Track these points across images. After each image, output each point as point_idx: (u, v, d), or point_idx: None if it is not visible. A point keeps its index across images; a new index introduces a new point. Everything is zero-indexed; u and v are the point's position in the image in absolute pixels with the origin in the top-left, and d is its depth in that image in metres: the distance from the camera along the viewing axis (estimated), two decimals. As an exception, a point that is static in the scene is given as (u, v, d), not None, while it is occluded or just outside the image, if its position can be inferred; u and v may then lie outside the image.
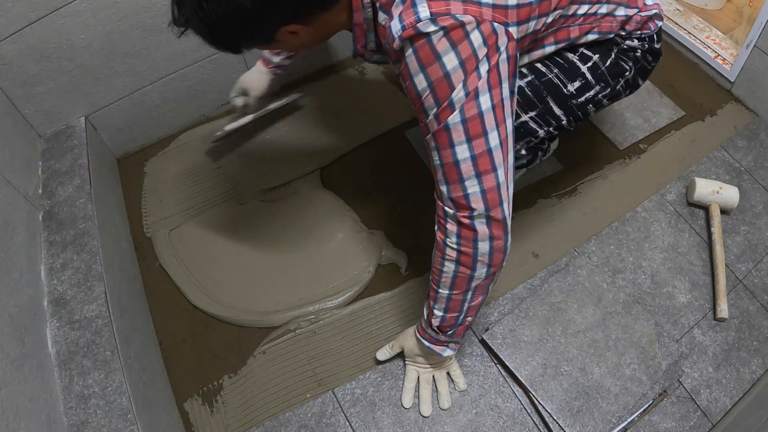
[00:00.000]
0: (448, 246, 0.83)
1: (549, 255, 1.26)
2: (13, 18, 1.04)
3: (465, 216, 0.79)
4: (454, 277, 0.85)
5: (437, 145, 0.77)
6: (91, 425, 0.87)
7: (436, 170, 0.80)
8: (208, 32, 0.73)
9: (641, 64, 1.03)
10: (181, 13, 0.72)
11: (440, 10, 0.69)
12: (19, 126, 1.17)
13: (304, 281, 1.23)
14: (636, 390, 1.08)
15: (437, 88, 0.72)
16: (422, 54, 0.71)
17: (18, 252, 0.97)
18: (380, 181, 1.39)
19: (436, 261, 0.87)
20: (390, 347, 1.08)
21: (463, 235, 0.81)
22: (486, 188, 0.77)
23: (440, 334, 0.95)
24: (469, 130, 0.74)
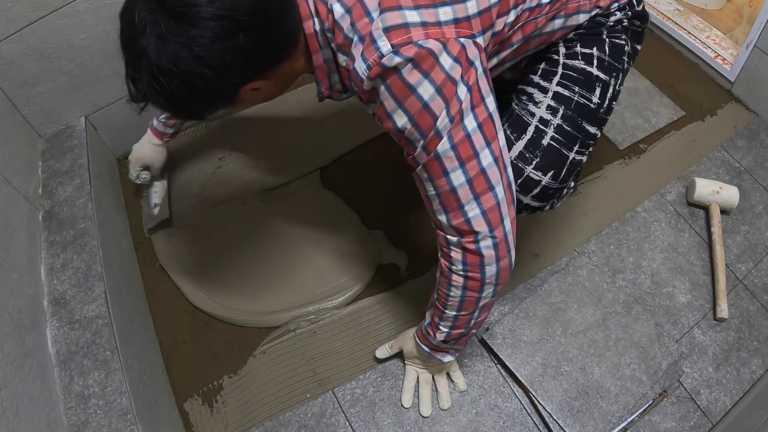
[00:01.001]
0: (455, 273, 0.81)
1: (549, 255, 1.26)
2: (13, 18, 1.04)
3: (470, 241, 0.77)
4: (462, 300, 0.84)
5: (430, 176, 0.75)
6: (91, 425, 0.87)
7: (431, 200, 0.78)
8: (169, 106, 0.71)
9: (632, 30, 1.01)
10: (138, 90, 0.69)
11: (401, 40, 0.66)
12: (19, 126, 1.17)
13: (304, 281, 1.23)
14: (636, 390, 1.08)
15: (419, 121, 0.70)
16: (395, 89, 0.68)
17: (18, 252, 0.97)
18: (380, 181, 1.39)
19: (443, 286, 0.85)
20: (389, 346, 1.09)
21: (469, 262, 0.79)
22: (486, 209, 0.75)
23: (441, 344, 0.95)
24: (460, 154, 0.72)
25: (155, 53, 0.64)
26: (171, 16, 0.63)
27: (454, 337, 0.92)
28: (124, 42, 0.67)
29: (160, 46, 0.64)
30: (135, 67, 0.67)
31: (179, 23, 0.63)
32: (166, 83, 0.66)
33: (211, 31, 0.63)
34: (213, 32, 0.63)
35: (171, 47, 0.63)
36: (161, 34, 0.63)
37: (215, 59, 0.65)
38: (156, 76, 0.65)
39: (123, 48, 0.68)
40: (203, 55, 0.64)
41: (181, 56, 0.64)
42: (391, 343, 1.09)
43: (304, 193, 1.37)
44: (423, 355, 1.02)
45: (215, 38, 0.64)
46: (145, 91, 0.68)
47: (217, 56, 0.65)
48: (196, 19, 0.63)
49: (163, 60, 0.64)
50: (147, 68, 0.65)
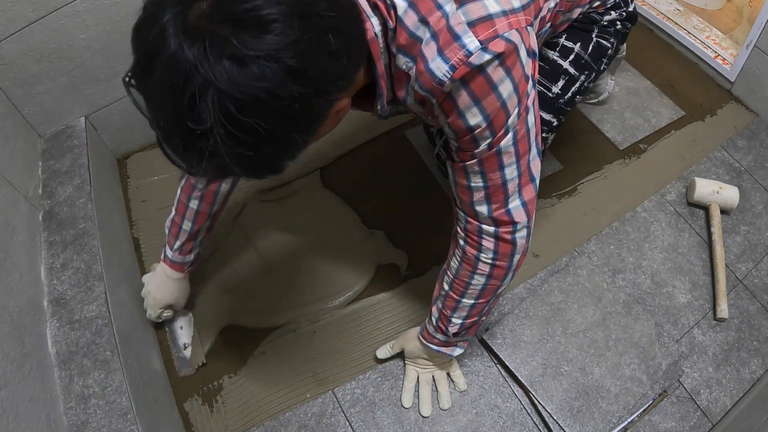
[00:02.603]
0: (482, 261, 0.81)
1: (549, 255, 1.26)
2: (13, 18, 1.04)
3: (507, 231, 0.77)
4: (483, 288, 0.84)
5: (483, 170, 0.71)
6: (91, 425, 0.87)
7: (475, 192, 0.74)
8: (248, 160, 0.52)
9: (621, 33, 1.01)
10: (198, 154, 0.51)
11: (488, 34, 0.59)
12: (19, 126, 1.17)
13: (304, 281, 1.23)
14: (636, 390, 1.08)
15: (495, 119, 0.65)
16: (475, 87, 0.62)
17: (18, 252, 0.97)
18: (380, 181, 1.39)
19: (463, 275, 0.84)
20: (390, 347, 1.08)
21: (500, 251, 0.79)
22: (527, 200, 0.75)
23: (450, 338, 0.95)
24: (519, 149, 0.70)
25: (230, 83, 0.46)
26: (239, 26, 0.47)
27: (467, 327, 0.91)
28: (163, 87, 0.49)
29: (236, 69, 0.47)
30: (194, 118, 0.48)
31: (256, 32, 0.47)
32: (250, 125, 0.48)
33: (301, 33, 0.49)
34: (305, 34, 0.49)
35: (254, 67, 0.47)
36: (236, 54, 0.46)
37: (314, 68, 0.50)
38: (234, 118, 0.48)
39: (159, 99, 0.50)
40: (299, 67, 0.49)
41: (269, 76, 0.47)
42: (392, 343, 1.08)
43: (304, 193, 1.37)
44: (428, 354, 1.02)
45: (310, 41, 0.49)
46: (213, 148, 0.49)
47: (315, 64, 0.50)
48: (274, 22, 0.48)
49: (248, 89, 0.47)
50: (219, 109, 0.47)
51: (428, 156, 1.42)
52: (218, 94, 0.47)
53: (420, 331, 1.01)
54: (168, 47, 0.48)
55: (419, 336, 1.01)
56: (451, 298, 0.88)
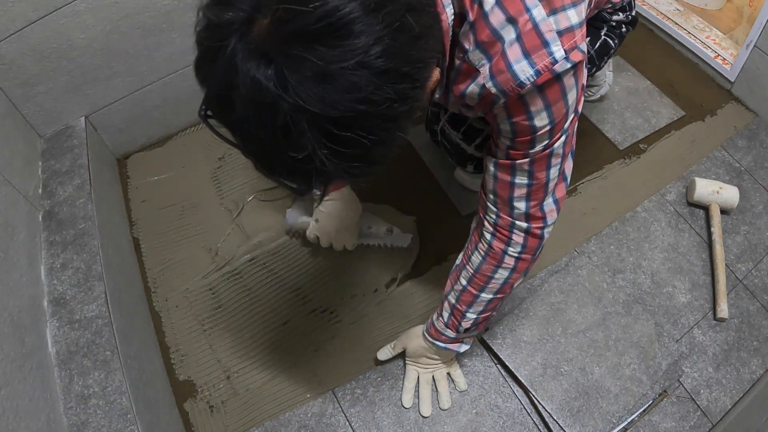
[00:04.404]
0: (509, 255, 0.82)
1: (549, 255, 1.26)
2: (13, 18, 1.04)
3: (539, 227, 0.80)
4: (505, 282, 0.86)
5: (532, 168, 0.73)
6: (91, 425, 0.87)
7: (517, 188, 0.75)
8: (363, 165, 0.51)
9: (623, 36, 1.06)
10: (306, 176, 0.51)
11: (571, 44, 0.61)
12: (19, 126, 1.17)
13: (305, 281, 1.23)
14: (636, 390, 1.08)
15: (558, 123, 0.67)
16: (550, 93, 0.63)
17: (18, 252, 0.97)
18: (380, 180, 1.39)
19: (486, 269, 0.85)
20: (392, 347, 1.08)
21: (528, 245, 0.81)
22: (559, 197, 0.79)
23: (459, 334, 0.95)
24: (566, 150, 0.73)
25: (321, 103, 0.44)
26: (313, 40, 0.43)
27: (479, 321, 0.92)
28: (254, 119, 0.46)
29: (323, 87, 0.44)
30: (296, 145, 0.46)
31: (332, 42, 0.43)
32: (355, 135, 0.46)
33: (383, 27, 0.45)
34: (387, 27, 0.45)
35: (342, 81, 0.44)
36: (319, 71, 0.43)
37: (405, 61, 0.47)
38: (335, 136, 0.46)
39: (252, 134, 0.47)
40: (390, 67, 0.45)
41: (361, 84, 0.44)
42: (394, 343, 1.08)
43: (304, 193, 1.37)
44: (432, 352, 1.02)
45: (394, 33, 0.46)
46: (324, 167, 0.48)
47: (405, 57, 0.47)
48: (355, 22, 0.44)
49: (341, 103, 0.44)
50: (317, 131, 0.45)
51: (428, 156, 1.42)
52: (311, 117, 0.44)
53: (426, 329, 1.01)
54: (243, 79, 0.44)
55: (424, 333, 1.01)
56: (468, 293, 0.88)
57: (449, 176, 1.38)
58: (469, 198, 1.34)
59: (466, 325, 0.92)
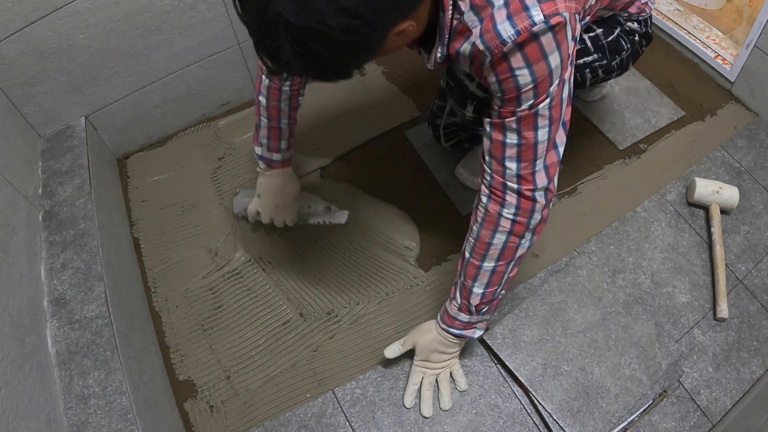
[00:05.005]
0: (504, 217, 0.86)
1: (549, 255, 1.26)
2: (13, 18, 1.04)
3: (529, 189, 0.84)
4: (503, 248, 0.89)
5: (519, 128, 0.80)
6: (91, 425, 0.87)
7: (508, 148, 0.82)
8: (316, 70, 0.68)
9: (636, 48, 1.11)
10: (277, 61, 0.66)
11: (551, 11, 0.69)
12: (19, 126, 1.17)
13: (305, 282, 1.23)
14: (636, 390, 1.08)
15: (540, 84, 0.75)
16: (529, 52, 0.72)
17: (18, 252, 0.97)
18: (380, 181, 1.39)
19: (485, 235, 0.89)
20: (401, 344, 1.07)
21: (522, 206, 0.85)
22: (548, 164, 0.83)
23: (472, 315, 0.96)
24: (553, 115, 0.79)
25: (295, 16, 0.61)
26: None
27: (487, 299, 0.94)
28: (252, 12, 0.65)
29: (299, 6, 0.60)
30: (272, 37, 0.63)
31: None
32: (312, 46, 0.63)
33: None
34: None
35: (313, 5, 0.60)
36: None
37: (365, 7, 0.62)
38: (301, 41, 0.63)
39: (250, 20, 0.65)
40: (350, 6, 0.61)
41: (326, 13, 0.61)
42: (403, 340, 1.07)
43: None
44: (443, 345, 1.02)
45: None
46: (287, 59, 0.65)
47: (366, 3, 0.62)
48: None
49: (307, 20, 0.61)
50: (288, 34, 0.62)
51: (428, 156, 1.42)
52: (286, 24, 0.61)
53: (439, 317, 1.02)
54: None
55: (438, 323, 1.02)
56: (471, 265, 0.92)
57: (449, 176, 1.38)
58: (469, 198, 1.34)
59: (474, 301, 0.93)
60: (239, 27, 1.33)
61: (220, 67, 1.40)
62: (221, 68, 1.41)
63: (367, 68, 1.62)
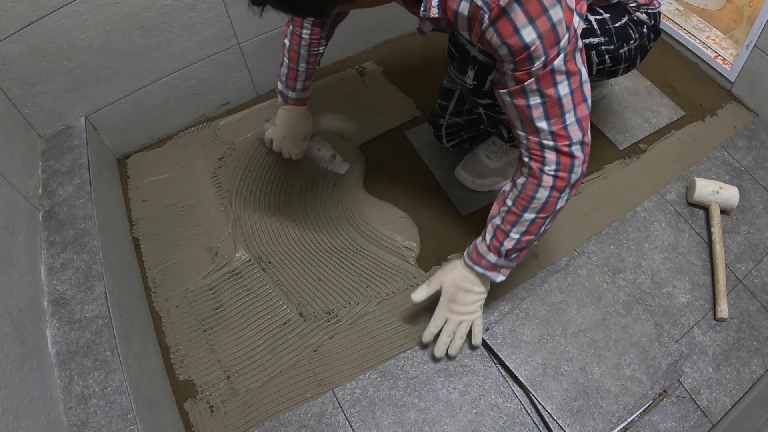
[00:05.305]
0: (546, 173, 0.88)
1: (549, 255, 1.26)
2: (13, 18, 1.04)
3: (565, 145, 0.86)
4: (546, 202, 0.91)
5: (539, 87, 0.81)
6: (91, 425, 0.87)
7: (535, 110, 0.84)
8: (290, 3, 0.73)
9: (644, 41, 1.10)
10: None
11: None
12: (19, 126, 1.17)
13: (304, 281, 1.23)
14: (636, 390, 1.08)
15: (546, 39, 0.76)
16: (529, 8, 0.73)
17: (18, 252, 0.97)
18: (380, 181, 1.39)
19: (529, 189, 0.91)
20: (427, 285, 1.07)
21: (562, 162, 0.87)
22: (580, 117, 0.85)
23: (501, 258, 0.97)
24: (569, 69, 0.80)
25: None
26: None
27: (521, 246, 0.96)
28: None
29: None
30: None
31: None
32: None
33: None
34: None
35: None
36: None
37: None
38: None
39: None
40: None
41: None
42: (429, 281, 1.07)
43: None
44: (470, 281, 1.03)
45: None
46: None
47: None
48: None
49: None
50: None
51: (428, 156, 1.42)
52: None
53: (466, 254, 1.03)
54: None
55: (464, 259, 1.03)
56: (512, 213, 0.94)
57: (449, 176, 1.38)
58: (469, 198, 1.34)
59: (509, 245, 0.95)
60: (239, 27, 1.33)
61: (220, 67, 1.40)
62: (221, 68, 1.41)
63: (367, 68, 1.62)
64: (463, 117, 1.30)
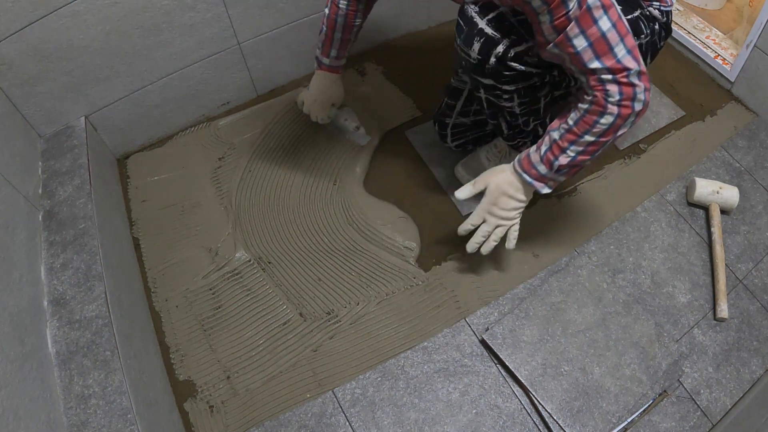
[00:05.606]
0: (610, 103, 0.89)
1: (549, 255, 1.26)
2: (13, 18, 1.04)
3: (624, 76, 0.87)
4: (608, 128, 0.91)
5: (581, 29, 0.83)
6: (91, 425, 0.87)
7: (584, 53, 0.86)
8: None
9: (654, 38, 1.10)
10: None
11: None
12: (19, 126, 1.17)
13: (305, 282, 1.23)
14: (636, 390, 1.08)
15: None
16: None
17: (18, 252, 0.97)
18: (380, 181, 1.39)
19: (592, 114, 0.91)
20: (473, 184, 1.07)
21: (624, 92, 0.88)
22: (630, 48, 0.86)
23: (551, 172, 0.98)
24: (604, 3, 0.82)
25: None
26: None
27: (575, 164, 0.96)
28: None
29: None
30: None
31: None
32: None
33: None
34: None
35: None
36: None
37: None
38: None
39: None
40: None
41: None
42: (475, 180, 1.07)
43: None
44: (513, 189, 1.03)
45: None
46: None
47: None
48: None
49: None
50: None
51: (428, 156, 1.42)
52: None
53: (517, 161, 1.02)
54: None
55: (514, 165, 1.03)
56: (573, 133, 0.94)
57: (449, 176, 1.38)
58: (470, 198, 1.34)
59: (563, 161, 0.96)
60: (239, 27, 1.33)
61: (220, 67, 1.41)
62: (221, 68, 1.41)
63: (367, 68, 1.62)
64: (470, 117, 1.30)
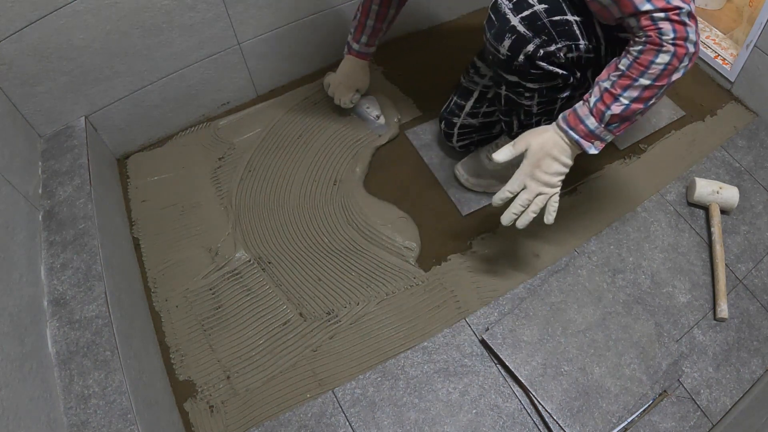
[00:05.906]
0: (665, 41, 0.87)
1: (549, 255, 1.26)
2: (13, 18, 1.04)
3: (675, 14, 0.86)
4: (664, 68, 0.89)
5: None
6: (91, 425, 0.87)
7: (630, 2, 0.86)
8: None
9: None
10: None
11: None
12: (19, 126, 1.17)
13: (305, 282, 1.23)
14: (636, 390, 1.08)
15: None
16: None
17: (18, 252, 0.97)
18: (380, 181, 1.39)
19: (648, 54, 0.89)
20: (513, 145, 0.99)
21: (677, 30, 0.87)
22: None
23: (600, 126, 0.93)
24: None
25: None
26: None
27: (626, 115, 0.92)
28: None
29: None
30: None
31: None
32: None
33: None
34: None
35: None
36: None
37: None
38: None
39: None
40: None
41: None
42: (514, 142, 0.99)
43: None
44: (557, 150, 0.97)
45: None
46: None
47: None
48: None
49: None
50: None
51: (428, 156, 1.42)
52: None
53: (561, 119, 0.97)
54: None
55: (559, 122, 0.97)
56: (627, 77, 0.91)
57: (449, 176, 1.38)
58: (470, 198, 1.34)
59: (615, 110, 0.91)
60: (239, 27, 1.33)
61: (220, 67, 1.40)
62: (221, 68, 1.41)
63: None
64: (479, 119, 1.30)
